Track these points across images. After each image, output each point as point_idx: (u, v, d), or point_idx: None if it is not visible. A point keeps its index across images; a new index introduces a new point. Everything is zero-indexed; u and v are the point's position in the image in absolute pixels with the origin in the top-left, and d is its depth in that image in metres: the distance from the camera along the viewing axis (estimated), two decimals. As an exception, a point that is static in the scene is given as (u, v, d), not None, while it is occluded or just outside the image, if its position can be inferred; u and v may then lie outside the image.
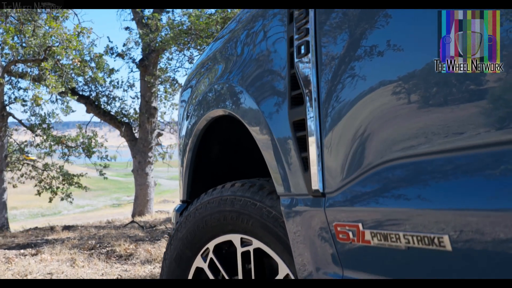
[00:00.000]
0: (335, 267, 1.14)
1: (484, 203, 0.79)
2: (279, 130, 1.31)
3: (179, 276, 1.82)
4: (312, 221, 1.20)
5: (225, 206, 1.65)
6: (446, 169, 0.87)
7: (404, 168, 0.95)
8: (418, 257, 0.91)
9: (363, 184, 1.04)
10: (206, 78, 1.92)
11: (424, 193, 0.90)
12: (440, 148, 0.87)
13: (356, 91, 1.07)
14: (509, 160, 0.77)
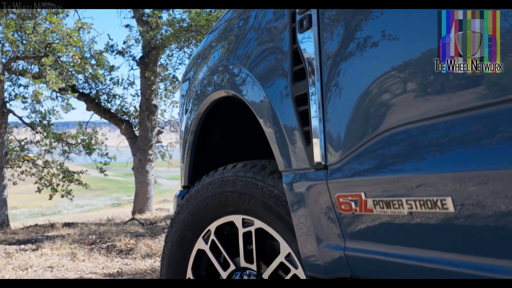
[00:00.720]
0: (337, 239, 1.15)
1: (485, 164, 0.79)
2: (281, 106, 1.31)
3: (180, 259, 1.82)
4: (314, 194, 1.20)
5: (227, 187, 1.65)
6: (447, 133, 0.87)
7: (405, 135, 0.95)
8: (420, 222, 0.92)
9: (365, 153, 1.04)
10: (206, 63, 1.92)
11: (426, 158, 0.90)
12: (439, 113, 0.88)
13: (358, 64, 1.07)
14: (507, 120, 0.77)
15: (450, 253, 0.87)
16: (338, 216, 1.13)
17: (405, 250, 0.97)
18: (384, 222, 1.00)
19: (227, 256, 1.69)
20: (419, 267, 0.95)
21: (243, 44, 1.58)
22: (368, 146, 1.03)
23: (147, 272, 4.45)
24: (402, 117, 0.95)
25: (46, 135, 10.54)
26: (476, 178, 0.81)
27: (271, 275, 1.56)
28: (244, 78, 1.54)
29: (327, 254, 1.18)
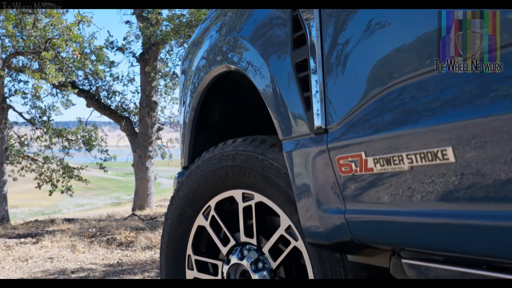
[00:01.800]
0: (337, 202, 1.15)
1: (483, 111, 0.79)
2: (281, 74, 1.31)
3: (180, 236, 1.82)
4: (314, 159, 1.20)
5: (227, 162, 1.65)
6: (443, 85, 0.87)
7: (403, 92, 0.95)
8: (421, 176, 0.91)
9: (365, 114, 1.04)
10: (205, 43, 1.91)
11: (425, 112, 0.90)
12: (433, 66, 0.88)
13: (357, 27, 1.07)
14: (504, 67, 0.77)
15: (452, 204, 0.86)
16: (338, 179, 1.13)
17: (405, 206, 0.96)
18: (384, 180, 1.00)
19: (227, 232, 1.68)
20: (419, 223, 0.95)
21: (242, 17, 1.58)
22: (368, 106, 1.03)
23: (147, 263, 4.45)
24: (398, 75, 0.96)
25: (46, 131, 10.53)
26: (475, 126, 0.80)
27: (271, 249, 1.56)
28: (243, 50, 1.54)
29: (328, 219, 1.18)
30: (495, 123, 0.77)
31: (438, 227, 0.90)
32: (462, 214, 0.85)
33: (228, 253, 1.68)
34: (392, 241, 1.04)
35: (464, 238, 0.86)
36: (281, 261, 1.53)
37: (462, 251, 0.88)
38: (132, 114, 12.12)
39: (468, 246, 0.86)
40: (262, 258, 1.61)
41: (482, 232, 0.82)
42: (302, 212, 1.27)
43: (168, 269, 1.86)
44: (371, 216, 1.06)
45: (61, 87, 10.19)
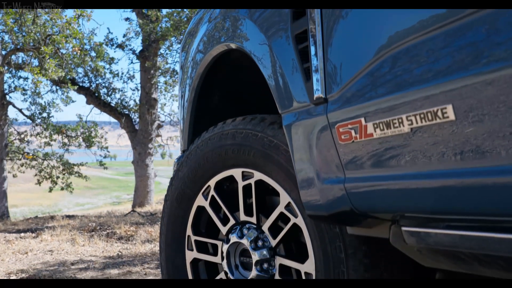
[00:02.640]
0: (337, 171, 1.14)
1: (481, 67, 0.79)
2: (281, 47, 1.31)
3: (180, 216, 1.82)
4: (314, 130, 1.20)
5: (226, 140, 1.65)
6: (439, 45, 0.86)
7: (401, 55, 0.95)
8: (422, 137, 0.91)
9: (364, 80, 1.04)
10: (203, 25, 1.91)
11: (423, 72, 0.90)
12: (431, 27, 0.88)
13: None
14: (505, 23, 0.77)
15: (453, 162, 0.86)
16: (337, 148, 1.12)
17: (406, 169, 0.96)
18: (384, 145, 1.00)
19: (226, 211, 1.68)
20: (421, 186, 0.95)
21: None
22: (367, 72, 1.03)
23: (147, 255, 4.44)
24: (396, 40, 0.96)
25: (46, 127, 10.53)
26: (474, 82, 0.80)
27: (271, 227, 1.55)
28: (243, 27, 1.53)
29: (327, 189, 1.18)
30: (494, 78, 0.77)
31: (440, 188, 0.90)
32: (464, 172, 0.84)
33: (228, 233, 1.68)
34: (392, 207, 1.04)
35: (466, 197, 0.86)
36: (281, 239, 1.53)
37: (464, 211, 0.88)
38: (132, 112, 12.12)
39: (470, 204, 0.86)
40: (261, 236, 1.60)
41: (485, 188, 0.81)
42: (302, 184, 1.27)
43: (168, 250, 1.86)
44: (371, 183, 1.06)
45: (61, 84, 10.18)
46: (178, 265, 1.83)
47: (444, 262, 1.07)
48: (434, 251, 1.04)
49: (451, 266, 1.08)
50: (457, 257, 1.00)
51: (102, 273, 3.77)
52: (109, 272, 3.79)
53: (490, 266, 0.95)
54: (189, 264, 1.80)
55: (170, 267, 1.85)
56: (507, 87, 0.75)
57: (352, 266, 1.36)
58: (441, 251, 1.03)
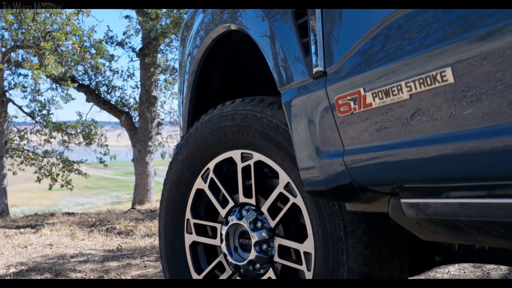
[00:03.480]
0: (336, 144, 1.14)
1: (478, 28, 0.79)
2: (280, 24, 1.31)
3: (179, 200, 1.82)
4: (313, 104, 1.19)
5: (226, 122, 1.65)
6: (436, 11, 0.86)
7: (399, 23, 0.95)
8: (421, 102, 0.91)
9: (363, 51, 1.04)
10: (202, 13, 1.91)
11: (421, 37, 0.90)
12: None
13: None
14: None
15: (453, 126, 0.86)
16: (336, 121, 1.12)
17: (405, 137, 0.96)
18: (383, 114, 1.00)
19: (225, 193, 1.68)
20: (420, 152, 0.94)
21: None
22: (365, 43, 1.03)
23: (146, 249, 4.44)
24: (393, 5, 0.95)
25: (46, 125, 10.52)
26: (472, 44, 0.80)
27: (270, 208, 1.55)
28: (241, 8, 1.53)
29: (326, 164, 1.18)
30: (492, 38, 0.77)
31: (440, 153, 0.90)
32: (465, 134, 0.84)
33: (227, 215, 1.68)
34: (392, 177, 1.03)
35: (468, 160, 0.85)
36: (280, 219, 1.53)
37: (464, 175, 0.88)
38: (132, 110, 12.12)
39: (471, 168, 0.85)
40: (261, 218, 1.60)
41: (485, 149, 0.81)
42: (301, 161, 1.27)
43: (167, 234, 1.86)
44: (370, 154, 1.06)
45: (61, 81, 10.17)
46: (177, 248, 1.82)
47: (443, 234, 1.07)
48: (433, 222, 1.04)
49: (450, 237, 1.08)
50: (456, 227, 1.00)
51: (102, 266, 3.77)
52: (109, 265, 3.79)
53: (490, 234, 0.95)
54: (188, 247, 1.80)
55: (169, 250, 1.85)
56: (505, 47, 0.75)
57: (351, 243, 1.36)
58: (440, 221, 1.02)
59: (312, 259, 1.44)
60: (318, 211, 1.40)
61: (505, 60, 0.76)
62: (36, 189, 43.24)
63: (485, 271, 3.04)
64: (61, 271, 3.55)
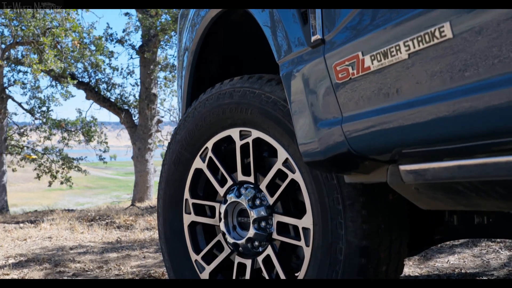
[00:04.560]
0: (334, 112, 1.14)
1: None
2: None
3: (178, 180, 1.81)
4: (312, 73, 1.19)
5: (224, 100, 1.64)
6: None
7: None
8: (420, 61, 0.91)
9: (360, 16, 1.03)
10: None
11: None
12: None
13: None
14: None
15: (453, 82, 0.85)
16: (335, 88, 1.12)
17: (404, 97, 0.95)
18: (382, 76, 0.99)
19: (224, 172, 1.67)
20: (420, 112, 0.93)
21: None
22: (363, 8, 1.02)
23: (146, 241, 4.44)
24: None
25: (45, 121, 10.52)
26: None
27: (269, 185, 1.55)
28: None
29: (325, 133, 1.17)
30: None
31: (439, 111, 0.89)
32: (465, 89, 0.83)
33: (226, 194, 1.67)
34: (390, 141, 1.03)
35: (468, 116, 0.84)
36: (279, 196, 1.53)
37: (463, 133, 0.87)
38: (131, 107, 12.11)
39: (470, 124, 0.84)
40: (259, 195, 1.60)
41: (486, 103, 0.81)
42: (299, 132, 1.26)
43: (165, 214, 1.86)
44: (368, 120, 1.05)
45: (60, 78, 10.16)
46: (176, 229, 1.82)
47: (442, 200, 1.07)
48: (431, 187, 1.04)
49: (449, 203, 1.07)
50: (455, 190, 0.99)
51: (101, 257, 3.76)
52: (108, 256, 3.78)
53: (488, 196, 0.94)
54: (187, 227, 1.79)
55: (168, 231, 1.85)
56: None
57: (350, 217, 1.35)
58: (438, 186, 1.02)
59: (311, 235, 1.43)
60: (316, 185, 1.40)
61: (503, 13, 0.75)
62: (36, 189, 43.28)
63: (484, 260, 3.04)
64: (60, 262, 3.54)
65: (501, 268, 2.84)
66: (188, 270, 1.77)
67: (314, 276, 1.41)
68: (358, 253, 1.35)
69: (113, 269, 3.31)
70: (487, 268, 2.84)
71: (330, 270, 1.38)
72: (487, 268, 2.84)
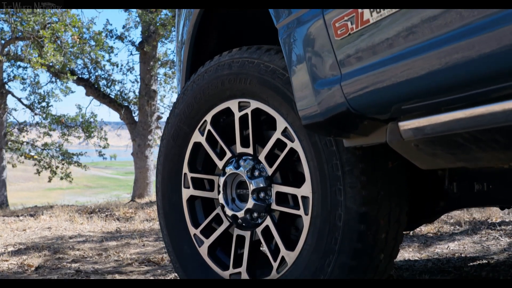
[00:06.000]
0: (333, 70, 1.13)
1: None
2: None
3: (176, 154, 1.80)
4: (310, 33, 1.19)
5: (223, 71, 1.64)
6: None
7: None
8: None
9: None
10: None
11: None
12: None
13: None
14: None
15: (451, 24, 0.85)
16: (333, 45, 1.11)
17: (401, 47, 0.95)
18: (381, 28, 0.99)
19: (223, 145, 1.67)
20: (421, 60, 0.92)
21: None
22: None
23: (145, 231, 4.43)
24: None
25: (45, 117, 10.52)
26: None
27: (268, 155, 1.54)
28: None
29: (324, 93, 1.17)
30: None
31: (439, 57, 0.88)
32: (466, 30, 0.82)
33: (224, 166, 1.67)
34: (389, 96, 1.02)
35: (470, 59, 0.84)
36: (277, 166, 1.52)
37: (464, 80, 0.86)
38: (131, 104, 12.11)
39: (475, 67, 0.83)
40: (258, 166, 1.59)
41: (484, 43, 0.80)
42: (298, 94, 1.25)
43: (164, 189, 1.85)
44: (367, 75, 1.04)
45: (60, 74, 10.15)
46: (175, 203, 1.81)
47: (442, 156, 1.06)
48: (431, 142, 1.03)
49: (449, 159, 1.07)
50: (454, 144, 0.99)
51: (100, 245, 3.76)
52: (107, 244, 3.78)
53: (488, 147, 0.94)
54: (186, 202, 1.78)
55: (166, 206, 1.84)
56: None
57: (349, 183, 1.34)
58: (438, 140, 1.01)
59: (310, 203, 1.43)
60: (315, 152, 1.39)
61: None
62: (36, 188, 43.30)
63: (484, 246, 3.04)
64: (60, 249, 3.54)
65: (501, 252, 2.84)
66: (187, 244, 1.76)
67: (313, 244, 1.41)
68: (357, 219, 1.34)
69: (112, 256, 3.30)
70: (487, 253, 2.84)
71: (329, 237, 1.37)
72: (487, 253, 2.84)
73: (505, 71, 0.80)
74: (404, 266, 2.59)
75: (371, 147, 1.33)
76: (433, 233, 3.54)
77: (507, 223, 3.61)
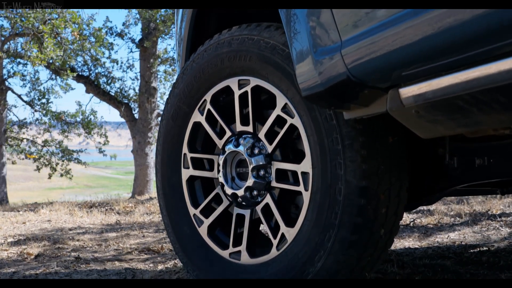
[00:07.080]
0: (333, 38, 1.13)
1: None
2: None
3: (176, 134, 1.80)
4: (309, 3, 1.18)
5: (223, 49, 1.63)
6: None
7: None
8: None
9: None
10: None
11: None
12: None
13: None
14: None
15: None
16: (334, 13, 1.10)
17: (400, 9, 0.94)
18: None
19: (223, 123, 1.66)
20: (418, 26, 0.92)
21: None
22: None
23: (145, 223, 4.42)
24: None
25: (45, 114, 10.52)
26: None
27: (267, 133, 1.54)
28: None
29: (324, 62, 1.16)
30: None
31: (439, 19, 0.87)
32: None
33: (224, 145, 1.66)
34: (390, 62, 1.01)
35: (471, 22, 0.83)
36: (277, 143, 1.51)
37: (464, 38, 0.86)
38: (131, 101, 12.11)
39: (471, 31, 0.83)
40: (258, 144, 1.59)
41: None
42: (298, 64, 1.25)
43: (163, 170, 1.84)
44: (367, 40, 1.04)
45: (60, 71, 10.15)
46: (174, 184, 1.81)
47: (442, 123, 1.05)
48: (432, 108, 1.02)
49: (449, 125, 1.06)
50: (455, 108, 0.98)
51: (100, 236, 3.75)
52: (107, 235, 3.77)
53: (490, 109, 0.93)
54: (185, 182, 1.78)
55: (166, 187, 1.84)
56: None
57: (349, 157, 1.34)
58: (438, 105, 1.01)
59: (310, 178, 1.42)
60: (315, 127, 1.39)
61: None
62: (36, 188, 43.36)
63: (484, 235, 3.03)
64: (59, 240, 3.53)
65: (502, 241, 2.83)
66: (186, 224, 1.75)
67: (313, 219, 1.40)
68: (357, 193, 1.34)
69: (112, 246, 3.30)
70: (487, 241, 2.83)
71: (329, 211, 1.37)
72: (488, 241, 2.83)
73: (502, 28, 0.79)
74: (405, 253, 2.58)
75: (372, 122, 1.33)
76: (433, 224, 3.54)
77: (507, 215, 3.61)
